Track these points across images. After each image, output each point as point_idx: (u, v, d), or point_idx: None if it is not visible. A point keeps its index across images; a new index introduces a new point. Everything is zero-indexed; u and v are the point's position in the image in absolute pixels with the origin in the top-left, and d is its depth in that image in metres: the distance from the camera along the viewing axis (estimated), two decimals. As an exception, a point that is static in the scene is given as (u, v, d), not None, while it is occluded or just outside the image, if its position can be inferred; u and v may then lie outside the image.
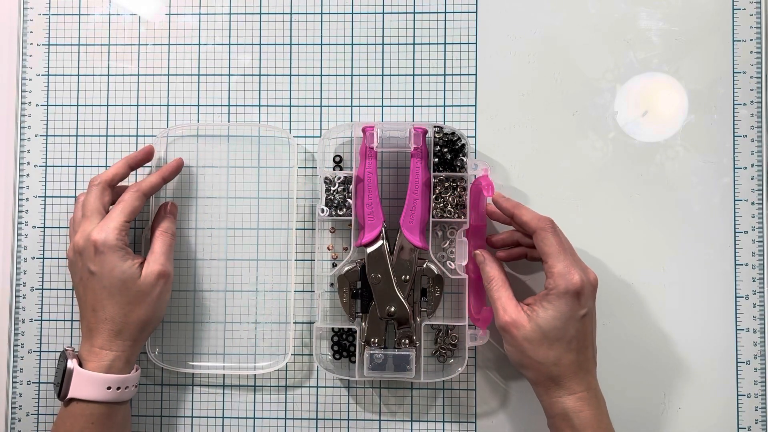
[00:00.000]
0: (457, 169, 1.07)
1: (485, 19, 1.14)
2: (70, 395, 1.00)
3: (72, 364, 1.00)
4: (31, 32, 1.16)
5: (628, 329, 1.11)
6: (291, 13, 1.15)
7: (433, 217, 1.07)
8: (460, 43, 1.14)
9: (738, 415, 1.11)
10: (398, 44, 1.14)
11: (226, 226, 1.14)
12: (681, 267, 1.11)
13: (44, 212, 1.15)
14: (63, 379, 1.00)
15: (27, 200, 1.15)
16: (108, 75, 1.16)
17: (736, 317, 1.11)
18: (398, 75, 1.14)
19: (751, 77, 1.12)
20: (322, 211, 1.08)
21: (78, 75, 1.16)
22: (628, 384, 1.11)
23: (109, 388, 0.99)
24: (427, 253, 1.08)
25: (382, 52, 1.14)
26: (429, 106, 1.13)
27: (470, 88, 1.13)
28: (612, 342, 1.11)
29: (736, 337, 1.11)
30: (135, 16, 1.16)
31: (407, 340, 1.07)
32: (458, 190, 1.07)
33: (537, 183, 1.12)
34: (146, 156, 1.10)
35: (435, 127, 1.07)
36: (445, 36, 1.14)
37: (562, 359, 0.97)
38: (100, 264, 1.00)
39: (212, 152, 1.14)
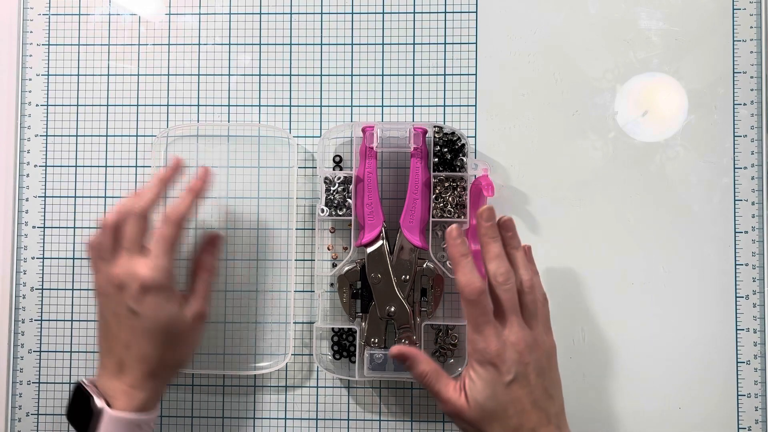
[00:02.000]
0: (457, 169, 1.07)
1: (485, 19, 1.14)
2: None
3: (101, 404, 0.96)
4: (31, 32, 1.16)
5: (628, 329, 1.11)
6: (291, 13, 1.15)
7: (433, 217, 1.07)
8: (460, 43, 1.14)
9: (738, 415, 1.11)
10: (398, 44, 1.14)
11: (226, 226, 1.13)
12: (681, 267, 1.11)
13: (44, 212, 1.15)
14: (89, 418, 0.96)
15: (27, 200, 1.15)
16: (108, 75, 1.16)
17: (736, 317, 1.11)
18: (398, 75, 1.14)
19: (751, 77, 1.12)
20: (322, 211, 1.08)
21: (78, 75, 1.16)
22: (628, 384, 1.11)
23: (138, 426, 0.97)
24: (427, 253, 1.08)
25: (382, 52, 1.14)
26: (429, 106, 1.13)
27: (470, 88, 1.13)
28: (612, 342, 1.11)
29: (736, 337, 1.11)
30: (135, 16, 1.16)
31: (407, 340, 1.07)
32: (458, 190, 1.07)
33: (537, 183, 1.12)
34: (177, 170, 1.05)
35: (435, 127, 1.07)
36: (445, 36, 1.14)
37: (506, 428, 0.95)
38: (145, 304, 0.97)
39: (212, 152, 1.14)
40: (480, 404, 0.95)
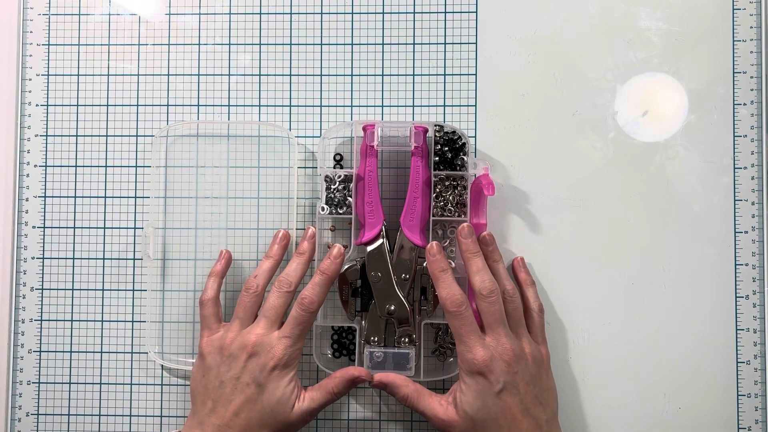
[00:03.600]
0: (458, 167, 1.07)
1: (485, 19, 1.14)
2: None
3: None
4: (31, 32, 1.16)
5: (628, 329, 1.11)
6: (291, 13, 1.15)
7: (433, 215, 1.07)
8: (460, 43, 1.14)
9: (738, 415, 1.10)
10: (398, 44, 1.14)
11: (226, 225, 1.13)
12: (681, 267, 1.11)
13: (44, 212, 1.15)
14: None
15: (27, 200, 1.15)
16: (108, 75, 1.16)
17: (736, 317, 1.11)
18: (398, 75, 1.14)
19: (751, 77, 1.12)
20: (323, 209, 1.08)
21: (78, 75, 1.16)
22: (628, 384, 1.11)
23: None
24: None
25: (382, 52, 1.14)
26: (429, 106, 1.13)
27: (470, 88, 1.13)
28: (612, 342, 1.11)
29: (736, 337, 1.11)
30: (135, 16, 1.16)
31: (407, 339, 1.06)
32: (459, 188, 1.07)
33: (537, 183, 1.12)
34: (287, 241, 1.10)
35: (435, 125, 1.07)
36: (445, 36, 1.14)
37: None
38: (271, 379, 0.99)
39: (212, 152, 1.14)
40: (470, 415, 0.97)
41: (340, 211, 1.08)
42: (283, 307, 1.03)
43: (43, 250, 1.15)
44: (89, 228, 1.15)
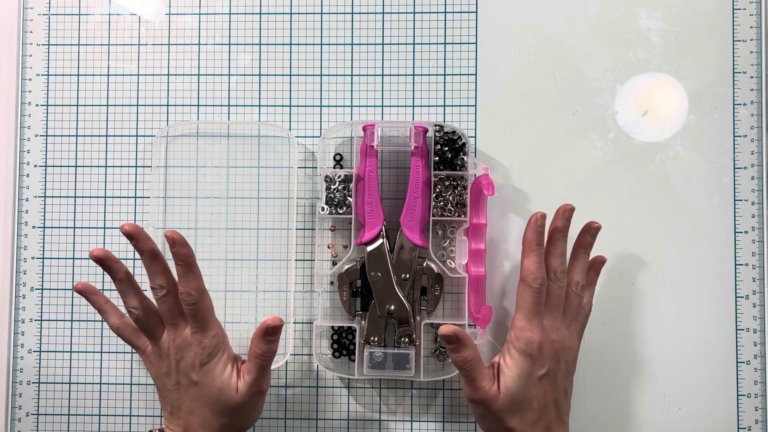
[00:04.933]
0: (458, 167, 1.07)
1: (485, 19, 1.14)
2: None
3: None
4: (31, 32, 1.16)
5: (628, 329, 1.11)
6: (291, 13, 1.15)
7: (433, 215, 1.07)
8: (460, 43, 1.14)
9: (738, 415, 1.11)
10: (398, 44, 1.14)
11: (226, 226, 1.13)
12: (681, 267, 1.11)
13: (44, 212, 1.15)
14: None
15: (27, 200, 1.15)
16: (108, 75, 1.16)
17: (736, 317, 1.11)
18: (398, 75, 1.14)
19: (751, 77, 1.12)
20: (323, 209, 1.08)
21: (78, 75, 1.16)
22: (628, 384, 1.11)
23: None
24: (427, 252, 1.08)
25: (382, 52, 1.14)
26: (429, 106, 1.13)
27: (470, 88, 1.13)
28: (612, 342, 1.11)
29: (736, 337, 1.11)
30: (135, 16, 1.16)
31: (407, 339, 1.07)
32: (458, 188, 1.07)
33: (537, 183, 1.12)
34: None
35: (435, 125, 1.07)
36: (445, 36, 1.14)
37: (525, 419, 0.97)
38: (203, 374, 0.98)
39: (212, 152, 1.14)
40: (512, 393, 0.96)
41: (340, 211, 1.08)
42: (173, 308, 0.99)
43: (43, 250, 1.15)
44: (89, 228, 1.15)
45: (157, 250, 0.99)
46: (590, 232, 1.05)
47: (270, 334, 0.99)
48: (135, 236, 0.97)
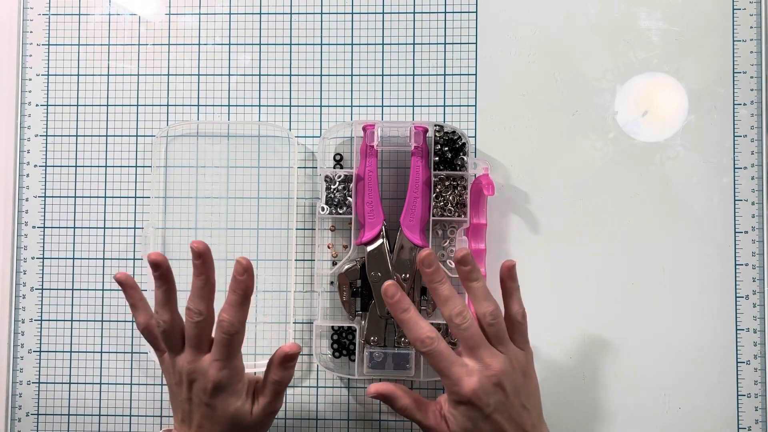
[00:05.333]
0: (458, 167, 1.07)
1: (485, 19, 1.14)
2: None
3: None
4: (31, 32, 1.16)
5: (628, 329, 1.11)
6: (291, 13, 1.15)
7: (433, 215, 1.07)
8: (460, 43, 1.14)
9: (738, 415, 1.11)
10: (398, 44, 1.14)
11: (226, 226, 1.13)
12: (681, 267, 1.11)
13: (44, 212, 1.15)
14: None
15: (27, 200, 1.15)
16: (108, 75, 1.16)
17: (736, 317, 1.11)
18: (398, 75, 1.14)
19: (751, 77, 1.12)
20: (323, 209, 1.08)
21: (78, 75, 1.16)
22: (628, 384, 1.11)
23: None
24: (427, 252, 1.08)
25: (382, 52, 1.14)
26: (429, 106, 1.13)
27: (470, 88, 1.13)
28: (612, 342, 1.11)
29: (736, 337, 1.11)
30: (135, 16, 1.16)
31: (407, 339, 1.06)
32: (458, 188, 1.07)
33: (537, 183, 1.12)
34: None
35: (435, 125, 1.07)
36: (445, 36, 1.14)
37: None
38: (217, 400, 0.97)
39: (212, 152, 1.14)
40: None
41: (340, 211, 1.08)
42: (201, 335, 0.97)
43: (43, 250, 1.15)
44: (89, 228, 1.15)
45: (214, 278, 0.97)
46: (463, 263, 0.97)
47: (287, 361, 0.98)
48: (203, 257, 0.95)
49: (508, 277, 1.00)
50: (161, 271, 0.96)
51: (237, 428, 0.98)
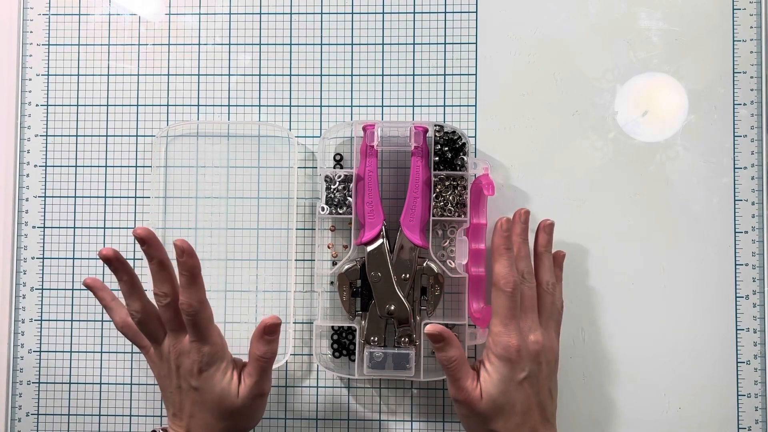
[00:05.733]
0: (458, 167, 1.07)
1: (485, 19, 1.14)
2: None
3: None
4: (31, 32, 1.16)
5: (628, 329, 1.11)
6: (291, 13, 1.15)
7: (433, 215, 1.07)
8: (460, 43, 1.14)
9: (738, 415, 1.10)
10: (398, 44, 1.14)
11: (226, 226, 1.13)
12: (681, 267, 1.11)
13: (44, 212, 1.15)
14: None
15: (27, 200, 1.15)
16: (108, 75, 1.16)
17: (736, 317, 1.11)
18: (398, 75, 1.14)
19: (751, 77, 1.12)
20: (323, 209, 1.08)
21: (78, 75, 1.16)
22: (628, 384, 1.11)
23: None
24: (427, 252, 1.08)
25: (382, 52, 1.14)
26: (429, 106, 1.13)
27: (470, 88, 1.13)
28: (612, 342, 1.11)
29: (736, 337, 1.11)
30: (135, 16, 1.16)
31: (407, 339, 1.07)
32: (458, 188, 1.07)
33: (537, 183, 1.12)
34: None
35: (436, 125, 1.07)
36: (445, 36, 1.14)
37: (509, 423, 0.97)
38: (202, 380, 0.98)
39: (212, 152, 1.14)
40: (493, 398, 0.96)
41: (340, 211, 1.08)
42: (175, 316, 0.98)
43: (43, 250, 1.15)
44: (89, 228, 1.15)
45: (167, 257, 0.97)
46: (545, 230, 1.06)
47: (268, 333, 0.98)
48: (147, 241, 0.96)
49: (559, 264, 1.09)
50: (116, 264, 0.97)
51: (226, 413, 0.98)
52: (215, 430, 0.99)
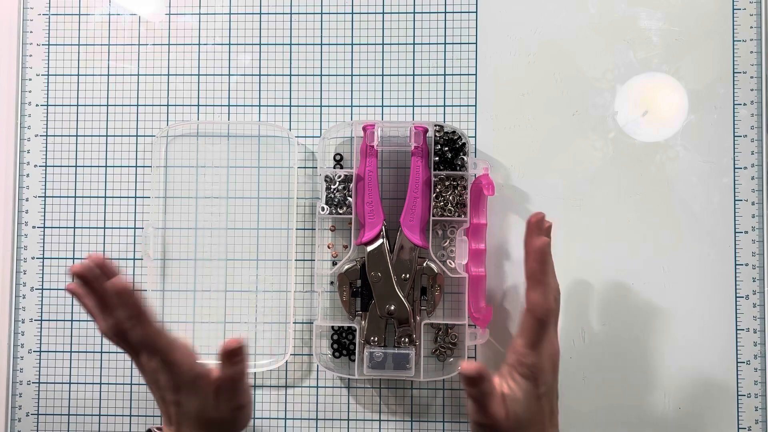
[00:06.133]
0: (458, 167, 1.07)
1: (485, 19, 1.14)
2: None
3: None
4: (31, 32, 1.16)
5: (628, 329, 1.11)
6: (291, 13, 1.15)
7: (433, 215, 1.07)
8: (460, 43, 1.14)
9: (738, 415, 1.10)
10: (398, 44, 1.14)
11: (226, 226, 1.13)
12: (681, 267, 1.11)
13: (44, 212, 1.15)
14: None
15: (27, 200, 1.15)
16: (108, 75, 1.16)
17: (736, 317, 1.11)
18: (398, 75, 1.14)
19: (751, 77, 1.12)
20: (323, 209, 1.08)
21: (78, 75, 1.16)
22: (628, 384, 1.11)
23: None
24: (427, 252, 1.08)
25: (382, 52, 1.14)
26: (429, 106, 1.13)
27: (470, 88, 1.13)
28: (612, 342, 1.11)
29: (736, 337, 1.11)
30: (135, 16, 1.16)
31: (407, 339, 1.07)
32: (458, 188, 1.07)
33: (537, 183, 1.12)
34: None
35: (436, 125, 1.07)
36: (445, 36, 1.14)
37: None
38: (182, 398, 0.95)
39: (212, 152, 1.14)
40: (518, 416, 0.92)
41: (340, 211, 1.08)
42: (141, 340, 0.94)
43: (43, 250, 1.15)
44: (89, 228, 1.15)
45: (101, 288, 0.94)
46: (545, 233, 0.97)
47: (230, 357, 0.95)
48: (82, 277, 0.93)
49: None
50: (87, 282, 0.94)
51: (211, 424, 0.97)
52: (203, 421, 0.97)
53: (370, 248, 1.07)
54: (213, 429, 0.98)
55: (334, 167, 1.12)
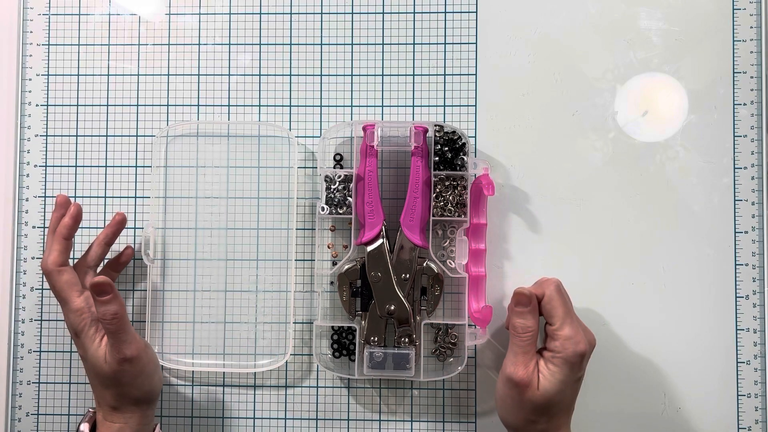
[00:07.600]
0: (458, 168, 1.07)
1: (485, 19, 1.14)
2: None
3: (85, 428, 1.02)
4: (31, 32, 1.16)
5: (628, 329, 1.11)
6: (291, 13, 1.15)
7: (433, 215, 1.07)
8: (460, 43, 1.14)
9: (738, 415, 1.10)
10: (398, 44, 1.14)
11: (226, 226, 1.13)
12: (681, 267, 1.11)
13: (44, 212, 1.15)
14: None
15: (27, 200, 1.15)
16: (108, 75, 1.16)
17: (736, 317, 1.11)
18: (398, 75, 1.14)
19: (751, 77, 1.12)
20: (323, 209, 1.08)
21: (78, 75, 1.16)
22: (628, 384, 1.11)
23: None
24: (427, 252, 1.08)
25: (382, 52, 1.14)
26: (429, 106, 1.13)
27: (470, 88, 1.13)
28: (612, 342, 1.11)
29: (736, 337, 1.11)
30: (135, 16, 1.16)
31: (407, 339, 1.07)
32: (458, 188, 1.07)
33: (537, 183, 1.12)
34: (119, 228, 1.10)
35: (436, 125, 1.07)
36: (445, 36, 1.14)
37: (553, 420, 0.98)
38: (79, 348, 1.02)
39: (212, 152, 1.14)
40: (549, 395, 0.96)
41: (340, 211, 1.08)
42: (56, 286, 1.02)
43: (43, 250, 1.15)
44: (89, 228, 1.15)
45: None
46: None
47: (98, 294, 0.96)
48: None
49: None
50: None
51: (106, 380, 0.99)
52: (106, 398, 1.00)
53: (370, 248, 1.07)
54: (112, 387, 1.00)
55: (334, 167, 1.12)
